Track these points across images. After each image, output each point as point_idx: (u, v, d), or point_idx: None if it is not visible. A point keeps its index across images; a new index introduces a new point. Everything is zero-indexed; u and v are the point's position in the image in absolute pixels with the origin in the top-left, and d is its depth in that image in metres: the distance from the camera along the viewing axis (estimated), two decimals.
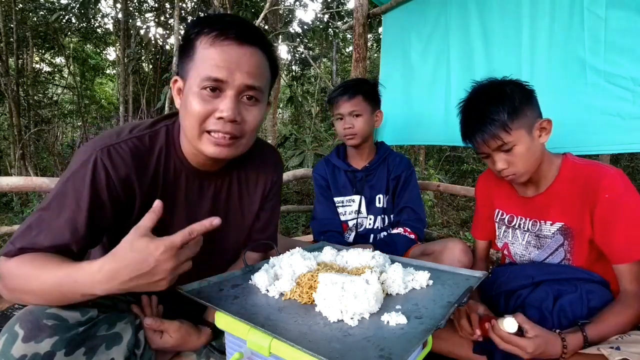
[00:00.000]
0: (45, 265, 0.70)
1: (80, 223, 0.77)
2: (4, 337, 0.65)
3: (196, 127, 0.81)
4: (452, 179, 8.22)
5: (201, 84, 0.79)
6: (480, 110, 1.04)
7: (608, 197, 0.98)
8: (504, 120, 0.99)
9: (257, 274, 0.88)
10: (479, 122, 1.03)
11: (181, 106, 0.85)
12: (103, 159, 0.79)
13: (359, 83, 1.65)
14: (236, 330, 0.71)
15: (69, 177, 0.78)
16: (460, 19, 1.96)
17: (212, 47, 0.79)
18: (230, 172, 1.02)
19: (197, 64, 0.79)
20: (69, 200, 0.77)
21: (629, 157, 8.13)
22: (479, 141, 1.04)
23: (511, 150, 1.02)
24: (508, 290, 1.09)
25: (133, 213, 0.87)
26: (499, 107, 1.00)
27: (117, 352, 0.76)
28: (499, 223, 1.27)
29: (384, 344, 0.62)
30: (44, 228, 0.75)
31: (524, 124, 1.01)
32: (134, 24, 7.34)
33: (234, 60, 0.79)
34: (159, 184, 0.90)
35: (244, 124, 0.84)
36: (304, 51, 6.89)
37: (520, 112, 1.00)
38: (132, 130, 0.87)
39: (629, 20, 1.33)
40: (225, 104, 0.79)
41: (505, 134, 1.00)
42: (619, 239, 0.98)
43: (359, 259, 0.94)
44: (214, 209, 1.00)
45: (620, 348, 0.82)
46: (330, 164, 1.74)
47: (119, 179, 0.81)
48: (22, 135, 7.63)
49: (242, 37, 0.80)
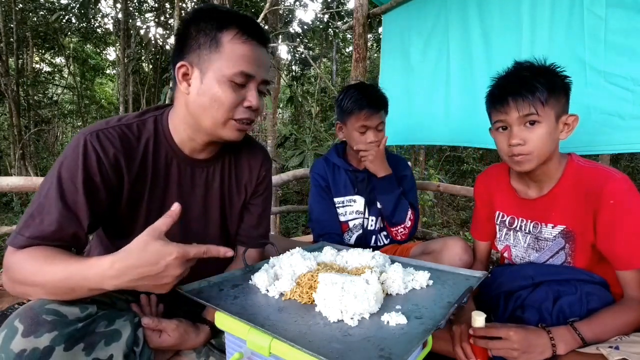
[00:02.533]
0: (55, 260, 0.72)
1: (80, 204, 0.80)
2: (4, 332, 0.65)
3: (225, 115, 0.88)
4: (452, 179, 8.23)
5: (233, 77, 0.86)
6: (524, 77, 1.02)
7: (613, 203, 0.96)
8: (544, 92, 0.98)
9: (257, 274, 0.88)
10: (519, 85, 1.01)
11: (198, 94, 0.88)
12: (92, 142, 0.83)
13: (382, 96, 1.59)
14: (236, 330, 0.71)
15: (62, 163, 0.81)
16: (460, 19, 1.96)
17: (244, 44, 0.87)
18: (222, 159, 1.05)
19: (226, 57, 0.86)
20: (66, 184, 0.79)
21: (629, 157, 8.14)
22: (511, 104, 1.01)
23: (534, 125, 1.00)
24: (507, 290, 1.08)
25: (122, 198, 0.89)
26: (542, 80, 0.99)
27: (116, 348, 0.76)
28: (500, 225, 1.26)
29: (384, 344, 0.62)
30: (46, 214, 0.77)
31: (555, 108, 1.00)
32: (134, 24, 7.35)
33: (258, 58, 0.90)
34: (148, 170, 0.92)
35: (259, 111, 0.94)
36: (304, 51, 6.89)
37: (557, 96, 1.00)
38: (120, 120, 0.92)
39: (629, 20, 1.33)
40: (254, 96, 0.90)
41: (540, 105, 0.98)
42: (623, 245, 0.97)
43: (359, 259, 0.94)
44: (207, 195, 1.03)
45: (620, 348, 0.82)
46: (330, 163, 1.71)
47: (108, 162, 0.84)
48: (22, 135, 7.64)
49: (262, 39, 0.91)
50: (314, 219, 1.68)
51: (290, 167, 3.80)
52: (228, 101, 0.86)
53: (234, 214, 1.11)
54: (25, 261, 0.73)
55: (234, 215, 1.11)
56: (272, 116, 6.12)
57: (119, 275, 0.67)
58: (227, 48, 0.86)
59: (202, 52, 0.87)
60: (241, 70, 0.86)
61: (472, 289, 0.84)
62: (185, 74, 0.89)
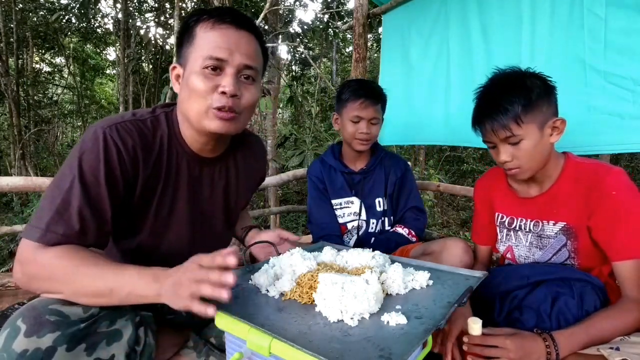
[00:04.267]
0: (97, 263, 0.73)
1: (103, 198, 0.80)
2: (6, 332, 0.65)
3: (202, 104, 0.86)
4: (452, 179, 8.23)
5: (203, 64, 0.84)
6: (496, 97, 1.02)
7: (615, 194, 0.97)
8: (516, 111, 0.98)
9: (257, 274, 0.88)
10: (491, 109, 1.01)
11: (182, 90, 0.90)
12: (112, 135, 0.82)
13: (380, 91, 1.62)
14: (236, 330, 0.71)
15: (81, 156, 0.79)
16: (461, 19, 1.96)
17: (212, 30, 0.85)
18: (226, 159, 1.06)
19: (198, 47, 0.85)
20: (88, 178, 0.79)
21: (629, 157, 8.14)
22: (488, 129, 1.03)
23: (518, 143, 1.01)
24: (503, 291, 1.07)
25: (135, 193, 0.88)
26: (515, 98, 0.98)
27: (118, 348, 0.76)
28: (500, 227, 1.26)
29: (384, 344, 0.62)
30: (72, 209, 0.76)
31: (536, 119, 0.99)
32: (134, 24, 7.35)
33: (233, 42, 0.86)
34: (162, 166, 0.92)
35: (242, 100, 0.90)
36: (304, 51, 6.88)
37: (535, 107, 0.99)
38: (134, 114, 0.91)
39: (629, 20, 1.33)
40: (227, 80, 0.86)
41: (516, 126, 0.98)
42: (623, 235, 0.97)
43: (359, 259, 0.94)
44: (212, 193, 1.04)
45: (620, 349, 0.82)
46: (327, 165, 1.70)
47: (128, 155, 0.84)
48: (22, 135, 7.64)
49: (239, 23, 0.88)
50: (313, 221, 1.67)
51: (290, 167, 3.80)
52: (199, 88, 0.85)
53: (238, 209, 1.14)
54: (60, 259, 0.73)
55: (238, 210, 1.15)
56: (272, 116, 6.12)
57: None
58: (198, 38, 0.86)
59: (184, 50, 0.89)
60: (209, 55, 0.84)
61: (472, 289, 0.84)
62: (177, 74, 0.92)
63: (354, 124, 1.56)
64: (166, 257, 0.94)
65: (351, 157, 1.70)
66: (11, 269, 4.26)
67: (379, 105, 1.58)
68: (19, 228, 2.12)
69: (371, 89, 1.58)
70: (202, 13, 0.88)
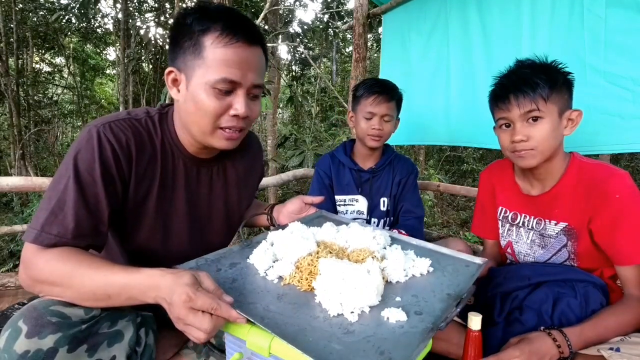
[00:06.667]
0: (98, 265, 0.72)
1: (100, 197, 0.79)
2: (7, 332, 0.65)
3: (210, 124, 0.85)
4: (452, 179, 8.23)
5: (216, 84, 0.81)
6: (525, 74, 1.03)
7: (619, 197, 0.97)
8: (545, 88, 0.99)
9: (256, 254, 0.88)
10: (520, 83, 1.02)
11: (185, 101, 0.86)
12: (106, 133, 0.81)
13: (395, 88, 1.62)
14: (236, 330, 0.70)
15: (76, 156, 0.79)
16: (461, 19, 1.96)
17: (226, 48, 0.81)
18: (224, 159, 1.05)
19: (209, 62, 0.81)
20: (84, 177, 0.78)
21: (629, 157, 8.13)
22: (513, 102, 1.02)
23: (537, 121, 1.01)
24: (504, 291, 1.07)
25: (129, 192, 0.87)
26: (544, 76, 1.00)
27: (119, 349, 0.76)
28: (503, 221, 1.26)
29: (384, 345, 0.62)
30: (68, 209, 0.76)
31: (558, 103, 1.01)
32: (134, 24, 7.34)
33: (245, 61, 0.83)
34: (157, 167, 0.91)
35: (250, 117, 0.89)
36: (304, 51, 6.88)
37: (560, 91, 1.00)
38: (129, 113, 0.91)
39: (629, 20, 1.33)
40: (240, 102, 0.84)
41: (542, 101, 0.99)
42: (625, 240, 0.97)
43: (359, 239, 0.92)
44: (211, 194, 1.04)
45: (621, 350, 0.82)
46: (336, 160, 1.72)
47: (122, 152, 0.83)
48: (22, 135, 7.63)
49: (251, 39, 0.84)
50: None
51: (290, 167, 3.80)
52: (211, 110, 0.82)
53: (240, 209, 1.14)
54: (56, 261, 0.72)
55: (239, 210, 1.14)
56: (272, 116, 6.11)
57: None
58: (208, 53, 0.80)
59: (187, 57, 0.83)
60: (223, 77, 0.81)
61: (473, 290, 0.83)
62: (175, 79, 0.87)
63: (367, 120, 1.58)
64: (167, 256, 0.94)
65: (362, 155, 1.70)
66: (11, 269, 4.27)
67: (392, 102, 1.58)
68: (19, 228, 2.12)
69: (385, 86, 1.59)
70: (207, 18, 0.81)
